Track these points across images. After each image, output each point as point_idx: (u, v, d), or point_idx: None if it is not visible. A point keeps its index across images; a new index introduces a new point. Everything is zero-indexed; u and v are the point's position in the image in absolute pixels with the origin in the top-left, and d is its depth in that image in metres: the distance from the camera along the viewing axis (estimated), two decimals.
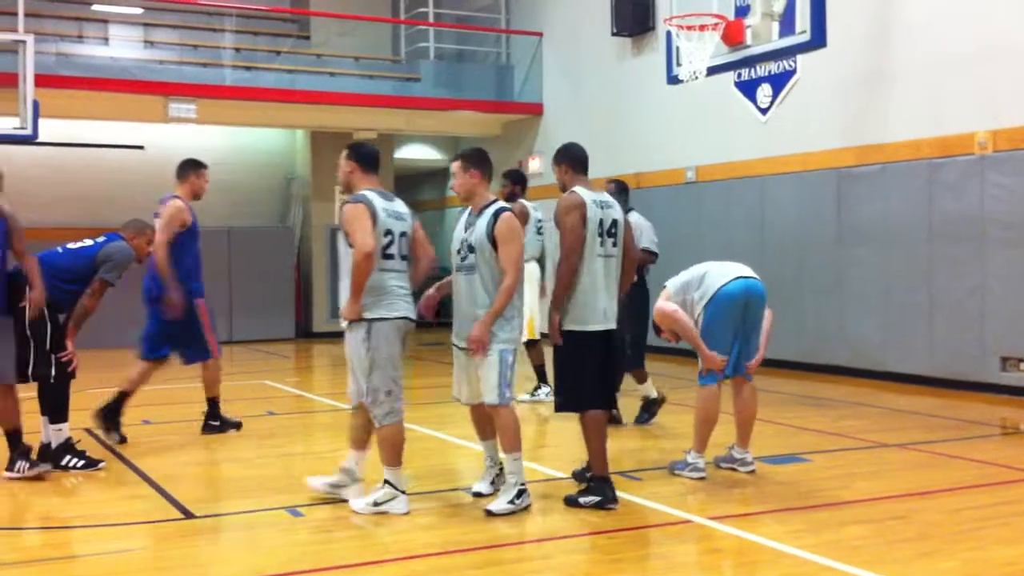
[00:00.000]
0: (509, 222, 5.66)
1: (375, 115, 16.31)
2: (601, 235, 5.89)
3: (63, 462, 6.80)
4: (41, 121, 12.73)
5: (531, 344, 9.75)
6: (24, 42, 12.66)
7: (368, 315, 5.60)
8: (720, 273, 6.52)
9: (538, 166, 16.77)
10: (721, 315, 6.38)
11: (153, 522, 5.64)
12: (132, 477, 6.69)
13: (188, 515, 5.76)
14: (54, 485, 6.60)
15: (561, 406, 6.04)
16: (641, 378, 8.58)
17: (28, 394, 7.20)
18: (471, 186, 5.81)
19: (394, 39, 18.30)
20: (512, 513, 5.59)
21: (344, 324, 5.83)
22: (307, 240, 17.88)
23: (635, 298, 7.47)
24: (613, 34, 14.60)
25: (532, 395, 9.82)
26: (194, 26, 16.62)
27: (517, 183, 9.78)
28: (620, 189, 8.72)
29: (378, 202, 5.65)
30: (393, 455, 5.71)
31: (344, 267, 5.89)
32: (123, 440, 7.81)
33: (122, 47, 16.23)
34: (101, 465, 6.90)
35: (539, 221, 9.73)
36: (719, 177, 13.00)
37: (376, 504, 5.67)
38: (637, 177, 14.47)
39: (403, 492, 5.74)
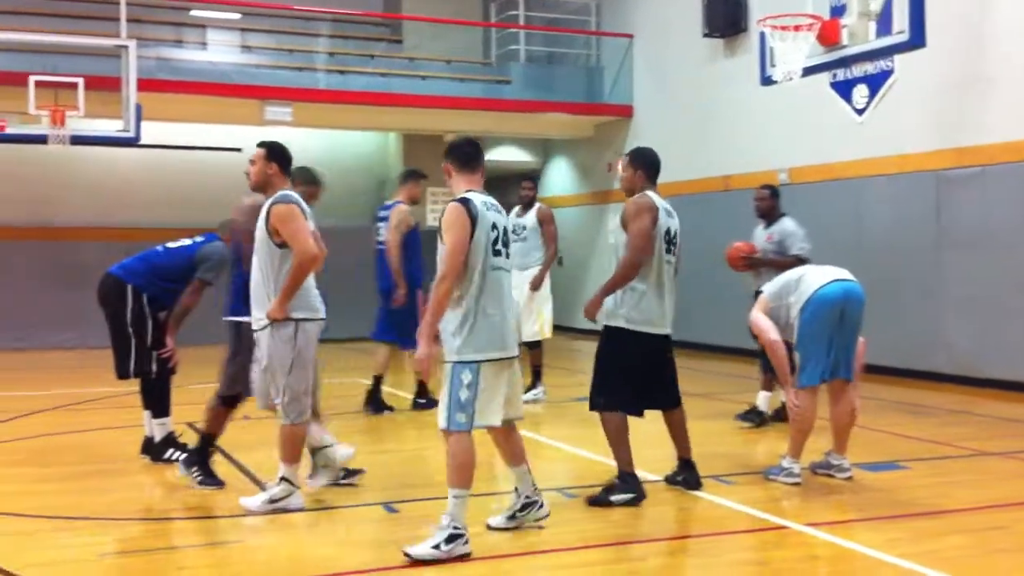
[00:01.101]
0: (450, 211, 4.98)
1: (466, 117, 16.42)
2: (668, 242, 5.98)
3: (166, 455, 7.00)
4: (143, 124, 13.10)
5: (535, 345, 10.13)
6: (127, 47, 13.02)
7: (295, 315, 5.66)
8: (817, 276, 6.43)
9: None
10: (817, 318, 6.28)
11: (252, 515, 5.76)
12: (232, 471, 6.84)
13: (287, 509, 5.87)
14: (157, 477, 6.80)
15: (600, 405, 6.05)
16: (768, 385, 8.55)
17: (131, 389, 7.43)
18: (448, 180, 5.30)
19: (485, 42, 18.41)
20: (435, 561, 4.80)
21: (259, 324, 5.73)
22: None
23: None
24: (704, 35, 14.48)
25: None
26: (289, 31, 16.93)
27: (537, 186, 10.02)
28: (774, 193, 8.76)
29: (302, 203, 5.81)
30: (295, 453, 5.78)
31: (266, 266, 5.69)
32: (391, 409, 9.38)
33: (220, 52, 16.60)
34: None
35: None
36: (813, 179, 12.81)
37: (272, 501, 5.72)
38: (727, 180, 14.35)
39: (298, 488, 5.82)
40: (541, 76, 17.21)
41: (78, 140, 13.02)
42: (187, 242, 7.21)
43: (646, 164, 6.21)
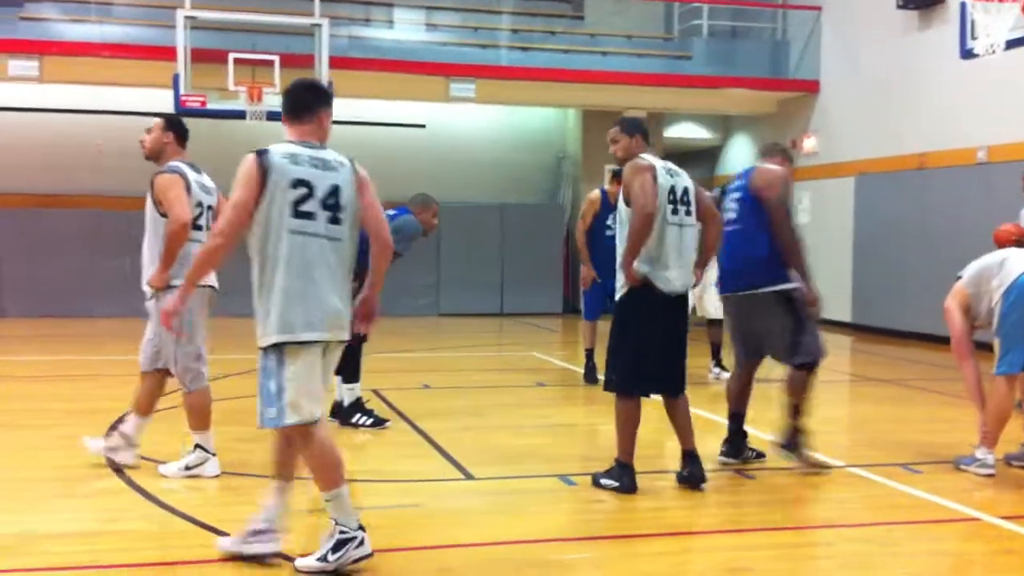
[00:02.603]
0: (241, 163, 4.29)
1: (645, 93, 16.30)
2: (673, 203, 5.59)
3: (353, 419, 7.27)
4: (334, 100, 13.51)
5: (715, 323, 9.92)
6: (320, 26, 13.51)
7: (176, 282, 5.57)
8: (1022, 259, 6.11)
9: (814, 145, 16.26)
10: (1022, 304, 5.97)
11: (435, 480, 5.93)
12: (415, 438, 7.04)
13: (467, 476, 6.02)
14: (345, 441, 7.04)
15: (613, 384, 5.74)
16: None
17: None
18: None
19: (667, 17, 18.20)
20: (329, 573, 4.25)
21: (149, 293, 5.75)
22: (576, 218, 18.06)
23: None
24: (899, 7, 13.92)
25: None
26: (473, 8, 17.15)
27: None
28: None
29: (191, 174, 5.75)
30: (202, 420, 5.82)
31: (152, 235, 5.75)
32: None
33: (406, 30, 16.98)
34: (387, 424, 7.32)
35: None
36: (1015, 158, 12.15)
37: (188, 468, 5.79)
38: (921, 157, 13.79)
39: (213, 455, 5.83)
40: (723, 51, 16.92)
41: (274, 116, 13.58)
42: None
43: (641, 129, 5.83)
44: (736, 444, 6.33)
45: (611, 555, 4.74)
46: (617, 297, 5.71)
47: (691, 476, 5.75)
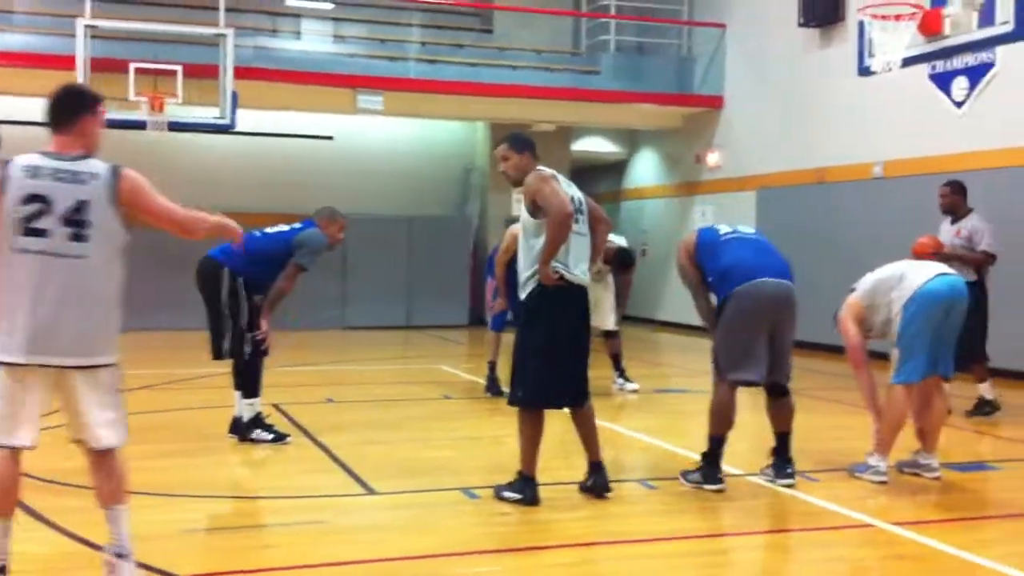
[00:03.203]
0: None
1: (553, 107, 16.42)
2: (576, 212, 5.62)
3: (252, 435, 7.14)
4: (239, 111, 13.36)
5: (613, 335, 10.10)
6: (225, 36, 13.31)
7: None
8: (921, 271, 6.27)
9: (717, 159, 16.55)
10: (923, 314, 6.11)
11: (336, 496, 5.86)
12: (317, 453, 6.96)
13: (370, 491, 5.96)
14: (244, 457, 6.94)
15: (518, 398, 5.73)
16: (982, 375, 8.67)
17: (222, 370, 7.59)
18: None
19: (575, 32, 18.37)
20: None
21: None
22: (484, 230, 18.14)
23: (973, 298, 6.89)
24: (800, 25, 14.25)
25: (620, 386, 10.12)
26: (381, 21, 17.10)
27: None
28: (956, 190, 8.69)
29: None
30: None
31: None
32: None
33: (313, 41, 16.85)
34: (288, 440, 7.21)
35: None
36: (908, 173, 12.52)
37: None
38: (819, 172, 14.11)
39: None
40: (630, 66, 17.12)
41: (176, 127, 13.35)
42: (284, 228, 7.31)
43: (529, 145, 5.83)
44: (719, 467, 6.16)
45: (515, 567, 4.74)
46: (524, 296, 5.64)
47: (595, 486, 5.78)
